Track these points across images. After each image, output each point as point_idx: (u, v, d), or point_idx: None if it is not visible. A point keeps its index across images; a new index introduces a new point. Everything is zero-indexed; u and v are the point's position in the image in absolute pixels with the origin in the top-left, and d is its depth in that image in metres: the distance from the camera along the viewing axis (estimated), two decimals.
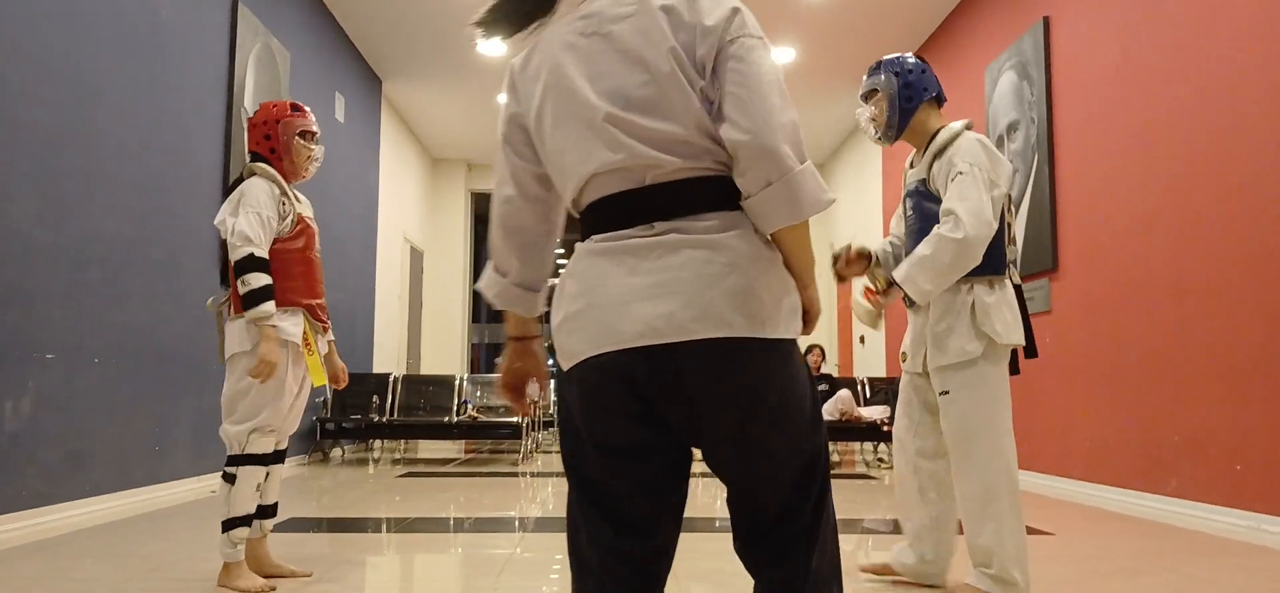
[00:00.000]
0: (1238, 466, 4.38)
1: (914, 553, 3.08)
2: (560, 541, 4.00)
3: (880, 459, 8.61)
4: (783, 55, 8.87)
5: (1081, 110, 5.82)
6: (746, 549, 1.41)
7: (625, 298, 1.30)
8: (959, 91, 7.77)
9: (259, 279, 2.94)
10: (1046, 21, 6.24)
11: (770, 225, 1.32)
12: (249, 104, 6.30)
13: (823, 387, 8.77)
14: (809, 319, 1.44)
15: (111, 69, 4.76)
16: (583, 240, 1.40)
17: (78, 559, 3.57)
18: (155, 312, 5.16)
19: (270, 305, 2.94)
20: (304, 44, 7.40)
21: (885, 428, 7.86)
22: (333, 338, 3.39)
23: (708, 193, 1.33)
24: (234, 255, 2.95)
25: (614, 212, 1.35)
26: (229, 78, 6.09)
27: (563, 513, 4.17)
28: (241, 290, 2.93)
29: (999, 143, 6.91)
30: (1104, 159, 5.54)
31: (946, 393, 2.86)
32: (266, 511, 3.22)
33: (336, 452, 8.75)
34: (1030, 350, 2.90)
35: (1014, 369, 2.93)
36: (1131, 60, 5.28)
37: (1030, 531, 4.36)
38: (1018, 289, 2.91)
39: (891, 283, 2.80)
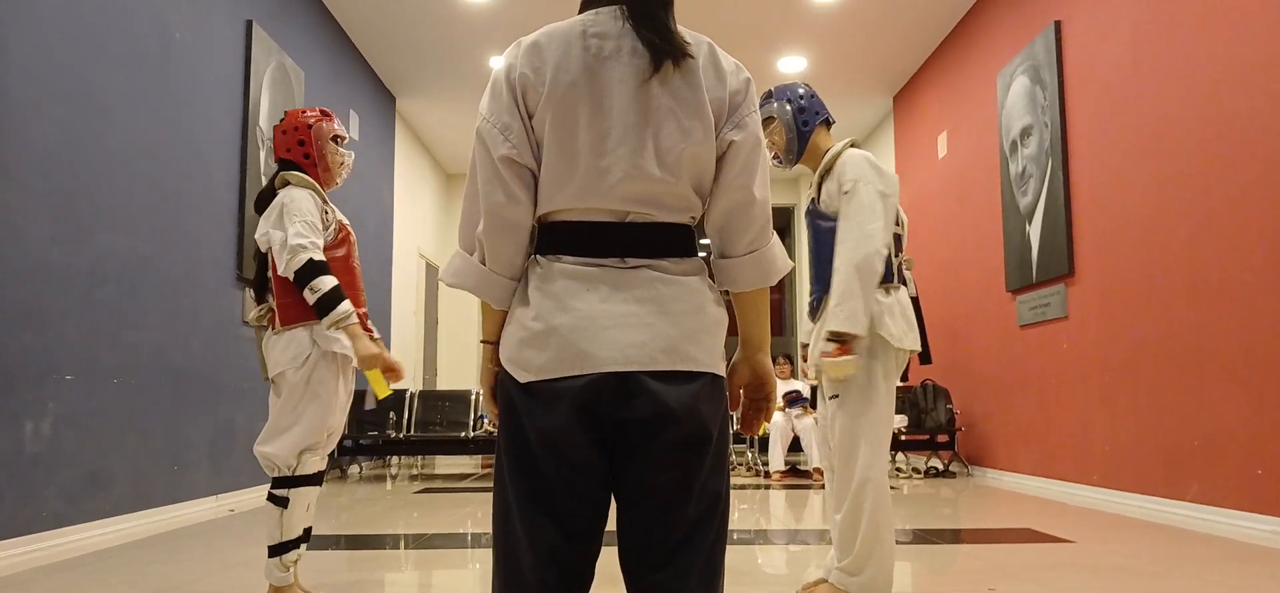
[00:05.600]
0: (1258, 470, 4.33)
1: None
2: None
3: (898, 469, 8.57)
4: (793, 63, 8.87)
5: (1094, 113, 5.79)
6: (637, 570, 1.42)
7: (599, 323, 1.36)
8: (971, 99, 7.75)
9: (326, 282, 2.85)
10: (1058, 25, 6.21)
11: (742, 286, 1.47)
12: (264, 124, 6.35)
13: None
14: (767, 391, 1.55)
15: (125, 89, 4.80)
16: (544, 254, 1.42)
17: (97, 580, 3.59)
18: (171, 330, 5.19)
19: (347, 304, 2.87)
20: (318, 63, 7.45)
21: (902, 437, 7.84)
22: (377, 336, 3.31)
23: (677, 239, 1.42)
24: (292, 265, 2.86)
25: (589, 239, 1.40)
26: (244, 97, 6.14)
27: None
28: (312, 298, 2.85)
29: (1012, 148, 6.88)
30: (1118, 161, 5.51)
31: (836, 397, 2.92)
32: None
33: (354, 469, 8.77)
34: (925, 356, 2.95)
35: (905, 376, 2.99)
36: (1143, 61, 5.25)
37: (1051, 539, 4.33)
38: (915, 301, 2.95)
39: (834, 335, 2.78)
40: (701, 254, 1.46)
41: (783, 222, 13.57)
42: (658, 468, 1.38)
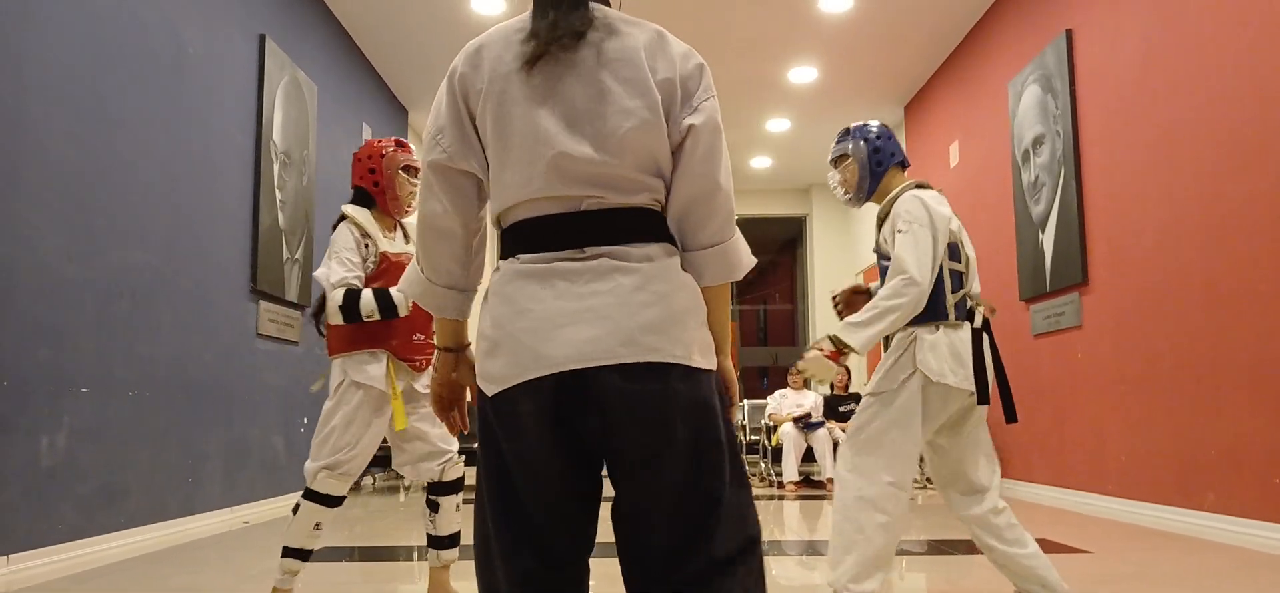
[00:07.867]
0: (1275, 479, 4.29)
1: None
2: (597, 565, 3.97)
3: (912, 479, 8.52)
4: (804, 74, 8.87)
5: (1106, 121, 5.78)
6: (636, 586, 1.38)
7: (554, 322, 1.30)
8: (982, 108, 7.73)
9: (367, 301, 2.97)
10: (1069, 34, 6.20)
11: (705, 281, 1.40)
12: (277, 137, 6.39)
13: (850, 405, 8.72)
14: (729, 391, 1.48)
15: (139, 103, 4.84)
16: (506, 259, 1.39)
17: (114, 592, 3.60)
18: (185, 344, 5.22)
19: (379, 293, 2.98)
20: (330, 76, 7.49)
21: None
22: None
23: (639, 223, 1.36)
24: (331, 305, 2.98)
25: (544, 233, 1.36)
26: (257, 111, 6.18)
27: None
28: (367, 317, 2.98)
29: (1025, 158, 6.86)
30: (1130, 169, 5.49)
31: (861, 400, 2.97)
32: (442, 541, 3.22)
33: (367, 480, 8.79)
34: (982, 397, 2.88)
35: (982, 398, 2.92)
36: (1154, 68, 5.23)
37: (1067, 549, 4.30)
38: (978, 333, 2.90)
39: (834, 338, 2.79)
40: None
41: (794, 232, 13.56)
42: (628, 472, 1.31)
